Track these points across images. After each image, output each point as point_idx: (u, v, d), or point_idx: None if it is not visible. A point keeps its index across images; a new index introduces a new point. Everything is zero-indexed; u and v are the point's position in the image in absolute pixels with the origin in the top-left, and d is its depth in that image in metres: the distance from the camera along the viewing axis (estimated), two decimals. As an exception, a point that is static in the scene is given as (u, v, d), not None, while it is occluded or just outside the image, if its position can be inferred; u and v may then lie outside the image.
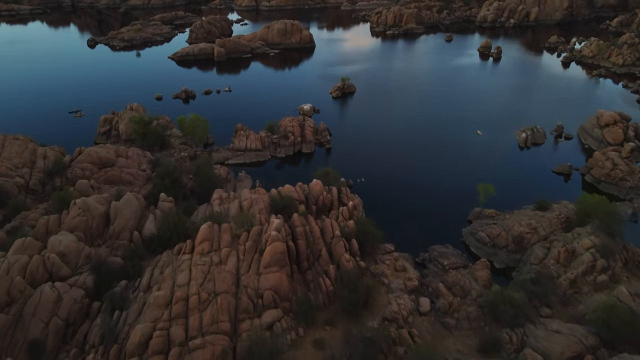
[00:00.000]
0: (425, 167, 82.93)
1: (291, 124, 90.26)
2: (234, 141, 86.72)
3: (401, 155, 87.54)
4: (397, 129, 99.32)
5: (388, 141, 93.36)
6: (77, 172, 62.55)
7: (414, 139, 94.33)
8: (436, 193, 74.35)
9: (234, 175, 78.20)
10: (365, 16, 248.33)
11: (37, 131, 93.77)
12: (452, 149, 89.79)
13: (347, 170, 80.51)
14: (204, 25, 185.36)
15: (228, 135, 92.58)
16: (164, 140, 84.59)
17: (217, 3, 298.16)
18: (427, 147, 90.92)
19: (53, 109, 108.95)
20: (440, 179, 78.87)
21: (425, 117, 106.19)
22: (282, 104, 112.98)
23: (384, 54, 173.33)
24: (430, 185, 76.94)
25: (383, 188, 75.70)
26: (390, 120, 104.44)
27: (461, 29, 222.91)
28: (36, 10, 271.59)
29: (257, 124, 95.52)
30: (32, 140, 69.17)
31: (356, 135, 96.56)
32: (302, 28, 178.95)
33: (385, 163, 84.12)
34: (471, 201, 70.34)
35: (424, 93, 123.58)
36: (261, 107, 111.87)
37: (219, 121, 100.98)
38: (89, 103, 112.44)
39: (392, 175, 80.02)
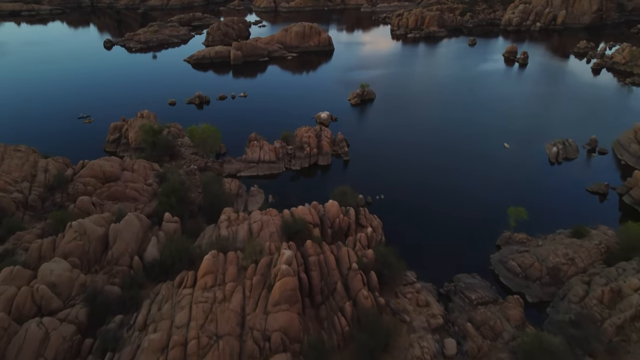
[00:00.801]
0: (448, 183, 77.68)
1: (307, 135, 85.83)
2: (247, 152, 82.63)
3: (423, 169, 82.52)
4: (418, 140, 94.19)
5: (409, 153, 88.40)
6: (79, 187, 58.98)
7: (437, 152, 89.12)
8: (461, 213, 69.15)
9: (245, 189, 74.12)
10: (386, 18, 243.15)
11: (45, 136, 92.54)
12: (477, 163, 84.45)
13: (366, 185, 76.02)
14: (221, 28, 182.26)
15: (241, 143, 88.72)
16: (173, 150, 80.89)
17: (236, 4, 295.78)
18: (451, 160, 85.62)
19: (64, 113, 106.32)
20: (465, 196, 73.61)
21: (448, 127, 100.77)
22: (299, 111, 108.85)
23: (404, 58, 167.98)
24: (455, 203, 71.70)
25: (403, 206, 70.81)
26: (411, 130, 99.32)
27: (484, 32, 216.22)
28: (56, 10, 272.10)
29: (271, 132, 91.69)
30: (35, 151, 65.87)
31: (375, 146, 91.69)
32: (320, 31, 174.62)
33: (405, 178, 79.19)
34: (499, 222, 65.17)
35: (447, 101, 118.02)
36: (276, 114, 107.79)
37: (233, 129, 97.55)
38: (101, 108, 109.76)
39: (413, 191, 75.06)
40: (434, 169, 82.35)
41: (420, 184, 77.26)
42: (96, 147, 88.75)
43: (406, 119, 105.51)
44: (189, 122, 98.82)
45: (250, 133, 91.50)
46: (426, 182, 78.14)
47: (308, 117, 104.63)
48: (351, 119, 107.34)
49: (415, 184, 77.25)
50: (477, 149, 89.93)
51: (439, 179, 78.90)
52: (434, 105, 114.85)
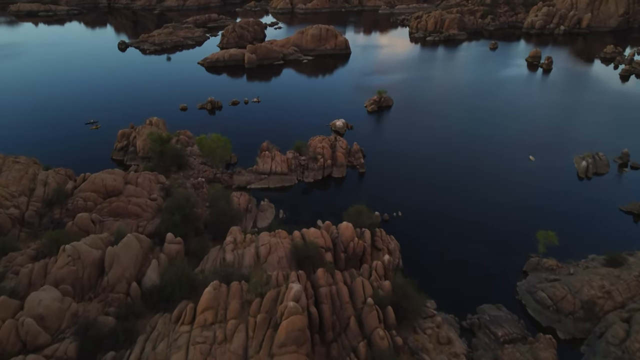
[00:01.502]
0: (470, 199, 73.05)
1: (321, 145, 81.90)
2: (258, 162, 78.94)
3: (442, 182, 77.97)
4: (437, 151, 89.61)
5: (427, 165, 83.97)
6: (79, 202, 55.85)
7: (457, 164, 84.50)
8: (483, 232, 64.63)
9: (255, 203, 70.44)
10: (404, 21, 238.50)
11: (51, 142, 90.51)
12: (500, 177, 79.71)
13: (382, 200, 72.05)
14: (236, 30, 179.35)
15: (253, 152, 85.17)
16: (182, 160, 77.58)
17: (253, 5, 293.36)
18: (472, 173, 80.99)
19: (72, 118, 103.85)
20: (488, 214, 68.99)
21: (469, 137, 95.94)
22: (313, 118, 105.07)
23: (423, 62, 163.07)
24: (477, 222, 67.15)
25: (422, 225, 66.46)
26: (430, 140, 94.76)
27: (506, 35, 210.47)
28: (73, 11, 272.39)
29: (284, 141, 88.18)
30: (36, 162, 63.14)
31: (392, 157, 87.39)
32: (337, 34, 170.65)
33: (424, 192, 74.76)
34: (525, 244, 60.73)
35: (468, 109, 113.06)
36: (290, 121, 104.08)
37: (244, 136, 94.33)
38: (110, 112, 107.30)
39: (432, 208, 70.58)
40: (453, 183, 77.81)
41: (440, 200, 72.75)
42: (103, 155, 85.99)
43: (425, 128, 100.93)
44: (200, 129, 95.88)
45: (263, 141, 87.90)
46: (446, 197, 73.63)
47: (323, 125, 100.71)
48: (367, 127, 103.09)
49: (434, 200, 72.76)
50: (501, 162, 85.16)
51: (459, 194, 74.35)
52: (454, 113, 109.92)
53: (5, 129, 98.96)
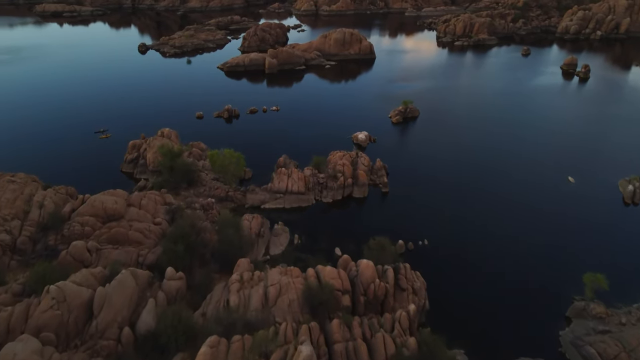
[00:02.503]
0: (503, 227, 66.39)
1: (341, 162, 76.21)
2: (274, 180, 73.64)
3: (472, 206, 71.44)
4: (466, 169, 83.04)
5: (456, 186, 77.48)
6: (76, 228, 51.35)
7: (489, 184, 77.88)
8: (519, 266, 58.05)
9: (269, 225, 65.24)
10: (431, 24, 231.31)
11: (58, 153, 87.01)
12: (537, 201, 72.75)
13: (407, 224, 66.31)
14: (258, 33, 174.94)
15: (269, 166, 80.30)
16: (192, 176, 72.83)
17: (276, 7, 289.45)
18: (506, 195, 74.28)
19: (83, 126, 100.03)
20: (524, 245, 62.32)
21: (501, 153, 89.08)
22: (334, 129, 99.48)
23: (451, 69, 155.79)
24: (511, 254, 60.57)
25: (450, 256, 60.17)
26: (459, 156, 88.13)
27: (538, 40, 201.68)
28: (97, 11, 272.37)
29: (303, 154, 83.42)
30: (35, 180, 59.01)
31: (418, 174, 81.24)
32: (361, 38, 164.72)
33: (452, 217, 68.38)
34: (567, 283, 54.36)
35: (499, 121, 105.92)
36: (310, 131, 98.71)
37: (261, 148, 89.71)
38: (124, 119, 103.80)
39: (462, 236, 64.19)
40: (484, 207, 71.24)
41: (470, 227, 66.30)
42: (112, 167, 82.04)
43: (453, 143, 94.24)
44: (215, 140, 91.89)
45: (280, 154, 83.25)
46: (476, 223, 67.12)
47: (344, 137, 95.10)
48: (392, 140, 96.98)
49: (463, 226, 66.35)
50: (537, 183, 78.12)
51: (491, 221, 67.75)
52: (484, 126, 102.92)
53: (11, 135, 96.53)
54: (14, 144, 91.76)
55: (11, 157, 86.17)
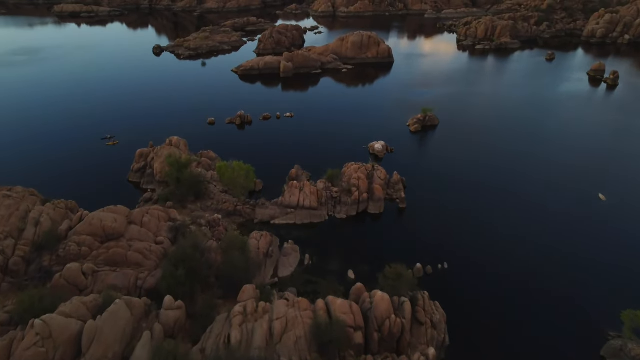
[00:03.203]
0: (530, 248, 61.74)
1: (357, 175, 72.21)
2: (285, 193, 69.96)
3: (496, 224, 66.92)
4: (489, 183, 78.44)
5: (478, 201, 72.99)
6: (72, 248, 48.28)
7: (513, 200, 73.14)
8: (547, 296, 53.42)
9: (278, 243, 61.63)
10: (452, 27, 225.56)
11: (64, 161, 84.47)
12: (565, 220, 67.87)
13: (425, 244, 62.22)
14: (274, 35, 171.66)
15: (281, 177, 76.78)
16: (200, 188, 69.55)
17: (293, 8, 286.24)
18: (532, 213, 69.51)
19: (90, 131, 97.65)
20: (553, 270, 57.62)
21: (526, 167, 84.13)
22: (350, 137, 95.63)
23: (472, 74, 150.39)
24: (538, 279, 56.00)
25: (472, 282, 55.79)
26: (482, 169, 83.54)
27: (563, 44, 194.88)
28: (114, 12, 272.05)
29: (316, 164, 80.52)
30: (33, 193, 56.10)
31: (438, 188, 76.81)
32: (379, 41, 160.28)
33: (474, 237, 63.98)
34: (601, 316, 49.60)
35: (523, 131, 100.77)
36: (324, 140, 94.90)
37: (273, 157, 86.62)
38: (133, 125, 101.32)
39: (485, 259, 59.69)
40: (509, 225, 66.61)
41: (494, 248, 61.78)
42: (119, 176, 79.25)
43: (474, 154, 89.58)
44: (226, 148, 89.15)
45: (292, 163, 79.98)
46: (501, 244, 62.56)
47: (360, 147, 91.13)
48: (410, 150, 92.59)
49: (486, 248, 61.86)
50: (565, 200, 73.16)
51: (516, 241, 63.09)
52: (508, 137, 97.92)
53: (16, 137, 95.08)
54: (19, 147, 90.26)
55: (14, 161, 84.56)
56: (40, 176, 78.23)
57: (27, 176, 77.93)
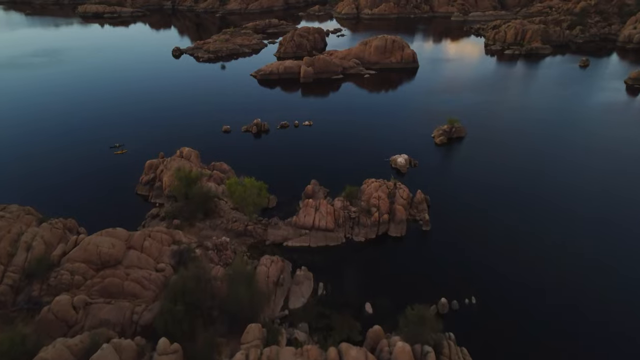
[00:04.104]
0: (571, 277, 55.59)
1: (377, 194, 67.04)
2: (299, 213, 65.20)
3: (532, 250, 60.73)
4: (523, 202, 72.30)
5: (510, 223, 66.89)
6: (64, 277, 44.32)
7: (550, 221, 66.91)
8: (593, 336, 47.43)
9: (290, 268, 56.95)
10: (479, 30, 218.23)
11: (69, 171, 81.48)
12: (611, 246, 61.31)
13: (451, 273, 56.80)
14: (295, 38, 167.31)
15: (296, 192, 72.91)
16: (210, 205, 65.29)
17: (316, 9, 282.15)
18: (571, 237, 63.17)
19: (99, 139, 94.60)
20: (599, 303, 51.49)
21: (562, 184, 77.58)
22: (371, 149, 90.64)
23: (501, 81, 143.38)
24: (582, 315, 49.97)
25: (504, 320, 49.96)
26: (513, 186, 77.33)
27: (597, 49, 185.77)
28: (137, 12, 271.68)
29: (335, 179, 75.85)
30: (30, 212, 52.60)
31: (465, 208, 70.98)
32: (404, 45, 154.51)
33: (507, 266, 58.03)
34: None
35: (558, 145, 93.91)
36: (344, 152, 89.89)
37: (289, 170, 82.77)
38: (145, 133, 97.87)
39: (518, 291, 53.84)
40: (548, 253, 60.35)
41: (529, 279, 55.67)
42: (127, 188, 75.68)
43: (505, 170, 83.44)
44: (240, 158, 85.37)
45: (309, 178, 75.62)
46: (538, 275, 56.46)
47: (382, 160, 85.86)
48: (435, 164, 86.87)
49: (521, 278, 55.85)
50: (608, 221, 66.61)
51: (556, 271, 56.92)
52: (541, 151, 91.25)
53: (22, 142, 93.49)
54: (22, 153, 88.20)
55: (16, 168, 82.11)
56: (43, 185, 75.99)
57: (29, 185, 75.87)
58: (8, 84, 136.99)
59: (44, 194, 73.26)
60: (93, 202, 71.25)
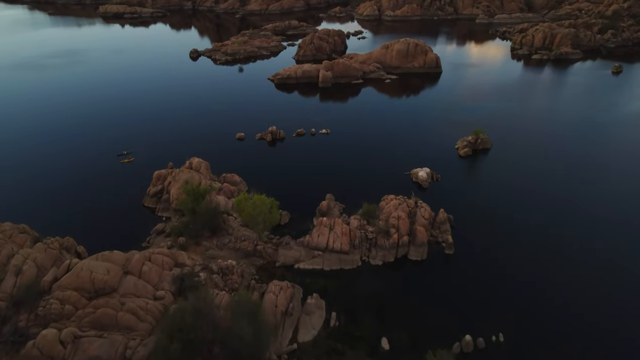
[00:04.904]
0: (611, 310, 50.29)
1: (396, 214, 62.38)
2: (312, 232, 60.93)
3: (568, 278, 55.47)
4: (556, 222, 66.86)
5: (544, 246, 61.59)
6: (53, 306, 40.75)
7: (586, 248, 61.40)
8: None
9: (301, 295, 52.76)
10: (505, 33, 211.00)
11: (75, 180, 78.84)
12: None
13: (475, 304, 51.92)
14: (314, 41, 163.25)
15: (310, 207, 68.73)
16: (217, 222, 61.51)
17: (338, 11, 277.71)
18: (611, 266, 57.63)
19: (107, 144, 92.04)
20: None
21: (599, 203, 71.83)
22: (391, 161, 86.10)
23: (528, 87, 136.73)
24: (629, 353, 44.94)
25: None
26: (544, 204, 71.78)
27: (630, 54, 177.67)
28: (157, 13, 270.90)
29: (352, 193, 72.31)
30: (24, 230, 49.50)
31: (492, 229, 65.79)
32: (427, 49, 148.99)
33: (539, 296, 52.94)
34: None
35: (590, 159, 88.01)
36: (362, 163, 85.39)
37: (303, 181, 79.27)
38: (156, 139, 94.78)
39: (553, 327, 48.73)
40: (585, 284, 55.02)
41: (564, 314, 50.49)
42: (133, 200, 72.41)
43: (534, 184, 77.90)
44: (253, 169, 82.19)
45: (324, 191, 71.77)
46: (573, 308, 51.29)
47: (401, 172, 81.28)
48: (458, 179, 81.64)
49: (555, 312, 50.65)
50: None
51: (594, 305, 51.62)
52: (572, 164, 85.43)
53: (27, 145, 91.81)
54: (24, 160, 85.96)
55: (17, 176, 79.70)
56: (43, 196, 73.57)
57: (27, 195, 73.38)
58: (21, 86, 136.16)
59: (44, 205, 70.67)
60: (97, 215, 68.23)
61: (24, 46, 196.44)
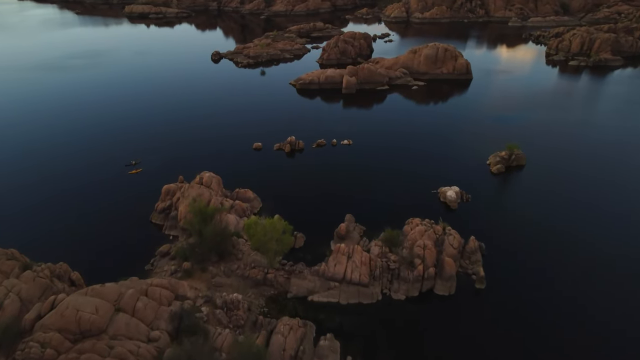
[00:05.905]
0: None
1: (422, 242, 56.44)
2: (329, 261, 55.51)
3: (610, 320, 48.83)
4: (597, 248, 60.00)
5: (584, 279, 54.98)
6: (33, 349, 36.30)
7: (634, 280, 54.58)
8: None
9: (313, 333, 47.40)
10: (540, 37, 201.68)
11: (78, 190, 75.95)
12: None
13: (509, 348, 46.01)
14: (339, 44, 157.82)
15: (328, 229, 63.43)
16: (226, 246, 56.66)
17: (364, 12, 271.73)
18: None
19: (116, 153, 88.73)
20: None
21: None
22: (417, 177, 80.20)
23: (565, 96, 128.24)
24: None
25: None
26: (585, 227, 64.86)
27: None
28: (182, 14, 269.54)
29: (373, 213, 66.96)
30: (14, 256, 45.45)
31: (528, 257, 59.28)
32: (457, 54, 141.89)
33: (580, 339, 46.41)
34: None
35: (635, 175, 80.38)
36: (386, 179, 79.65)
37: (321, 199, 73.35)
38: (170, 147, 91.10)
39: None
40: (630, 323, 48.34)
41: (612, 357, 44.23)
42: (141, 216, 68.23)
43: (574, 205, 70.88)
44: (269, 183, 77.67)
45: (344, 211, 66.65)
46: (619, 353, 44.82)
47: (428, 191, 75.18)
48: (491, 199, 75.04)
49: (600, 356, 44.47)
50: None
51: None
52: (616, 181, 77.88)
53: (32, 149, 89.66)
54: (25, 165, 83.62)
55: (19, 185, 76.48)
56: (44, 209, 70.57)
57: (32, 207, 70.20)
58: (38, 87, 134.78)
59: (44, 219, 67.64)
60: (100, 232, 64.43)
61: (48, 47, 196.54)
